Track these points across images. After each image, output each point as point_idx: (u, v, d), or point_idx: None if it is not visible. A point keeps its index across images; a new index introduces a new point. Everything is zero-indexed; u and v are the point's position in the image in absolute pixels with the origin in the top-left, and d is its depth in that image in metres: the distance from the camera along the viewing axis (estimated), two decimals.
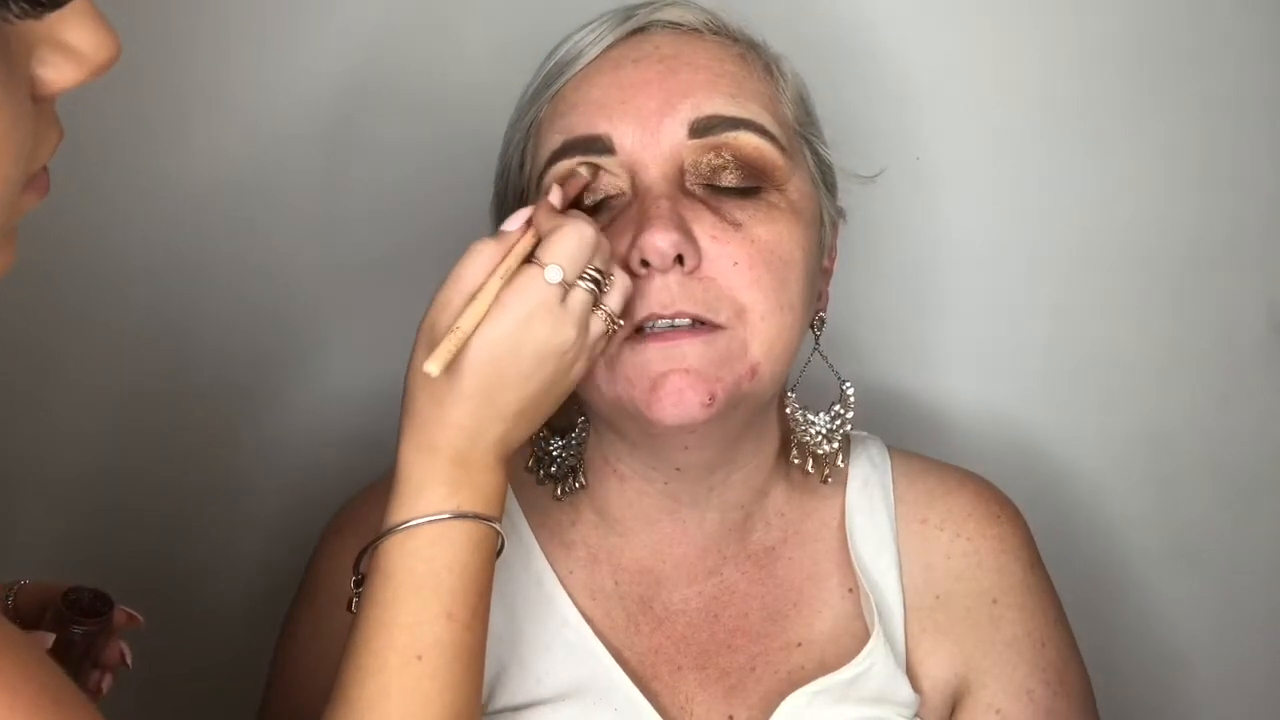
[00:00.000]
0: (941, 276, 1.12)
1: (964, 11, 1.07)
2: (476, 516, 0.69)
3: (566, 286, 0.69)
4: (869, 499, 0.87)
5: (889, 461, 0.89)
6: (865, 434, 0.92)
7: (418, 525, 0.68)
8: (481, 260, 0.69)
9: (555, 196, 0.73)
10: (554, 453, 0.84)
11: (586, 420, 0.84)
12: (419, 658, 0.67)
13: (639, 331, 0.75)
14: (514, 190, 0.85)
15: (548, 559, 0.84)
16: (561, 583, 0.83)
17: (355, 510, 0.88)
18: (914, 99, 1.08)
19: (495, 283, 0.69)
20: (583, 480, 0.84)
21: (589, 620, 0.82)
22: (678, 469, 0.81)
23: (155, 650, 0.81)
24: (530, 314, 0.68)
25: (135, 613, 0.77)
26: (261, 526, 1.10)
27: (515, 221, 0.71)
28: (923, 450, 0.93)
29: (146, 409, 1.07)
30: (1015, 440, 1.15)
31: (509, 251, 0.70)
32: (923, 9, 1.07)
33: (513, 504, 0.86)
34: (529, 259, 0.70)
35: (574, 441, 0.84)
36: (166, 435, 1.08)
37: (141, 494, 1.08)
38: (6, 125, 0.46)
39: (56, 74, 0.48)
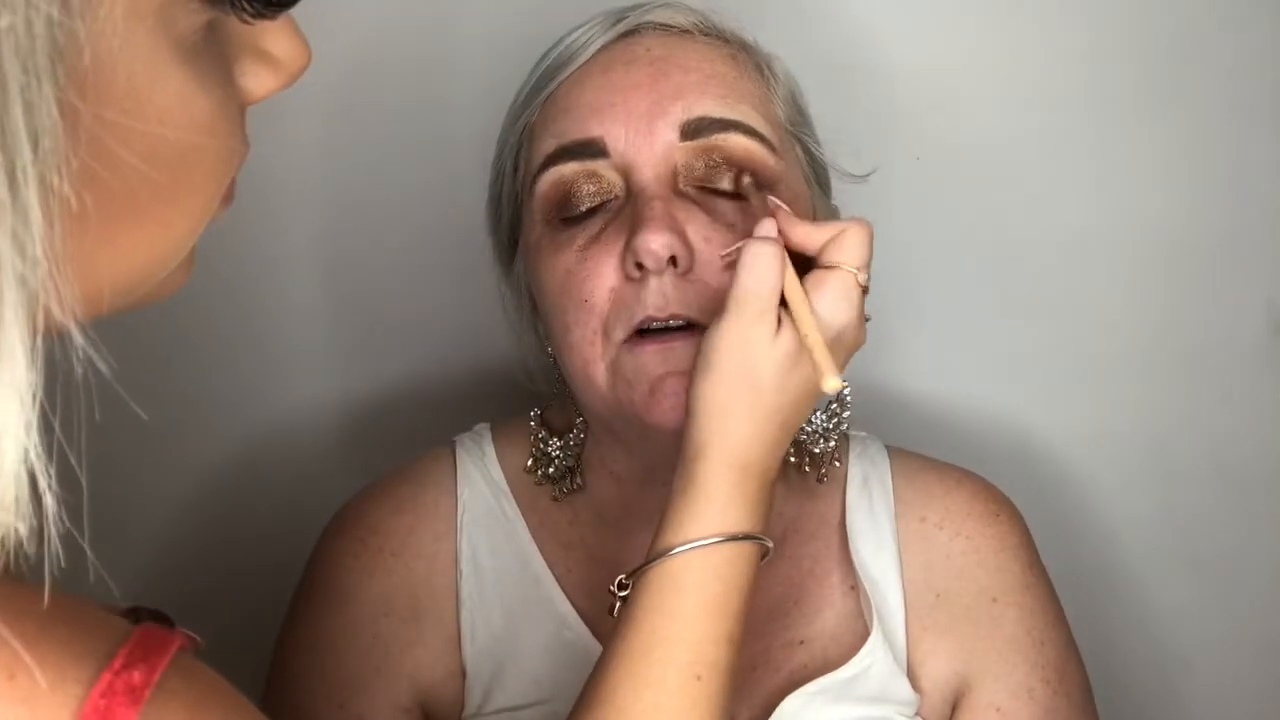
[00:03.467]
0: (941, 276, 1.12)
1: (964, 11, 1.07)
2: (762, 538, 0.69)
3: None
4: (868, 498, 0.87)
5: (888, 460, 0.90)
6: (864, 434, 0.92)
7: (719, 543, 0.67)
8: (776, 263, 0.69)
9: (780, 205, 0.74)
10: (552, 454, 0.84)
11: (584, 422, 0.84)
12: (698, 678, 0.66)
13: (636, 334, 0.76)
14: (508, 194, 0.85)
15: (545, 559, 0.84)
16: (559, 582, 0.83)
17: (356, 510, 0.88)
18: (914, 99, 1.08)
19: (797, 287, 0.69)
20: (580, 481, 0.84)
21: (587, 620, 0.82)
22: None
23: None
24: (854, 319, 0.70)
25: (194, 634, 0.76)
26: (260, 526, 1.09)
27: (772, 228, 0.72)
28: (921, 450, 0.93)
29: (140, 406, 1.07)
30: (1015, 440, 1.15)
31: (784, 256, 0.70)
32: (923, 9, 1.07)
33: (511, 504, 0.86)
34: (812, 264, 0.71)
35: (571, 443, 0.84)
36: (161, 437, 1.08)
37: (135, 499, 1.08)
38: (227, 132, 0.47)
39: (256, 83, 0.49)
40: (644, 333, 0.75)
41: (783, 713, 0.79)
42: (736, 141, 0.79)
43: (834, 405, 0.84)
